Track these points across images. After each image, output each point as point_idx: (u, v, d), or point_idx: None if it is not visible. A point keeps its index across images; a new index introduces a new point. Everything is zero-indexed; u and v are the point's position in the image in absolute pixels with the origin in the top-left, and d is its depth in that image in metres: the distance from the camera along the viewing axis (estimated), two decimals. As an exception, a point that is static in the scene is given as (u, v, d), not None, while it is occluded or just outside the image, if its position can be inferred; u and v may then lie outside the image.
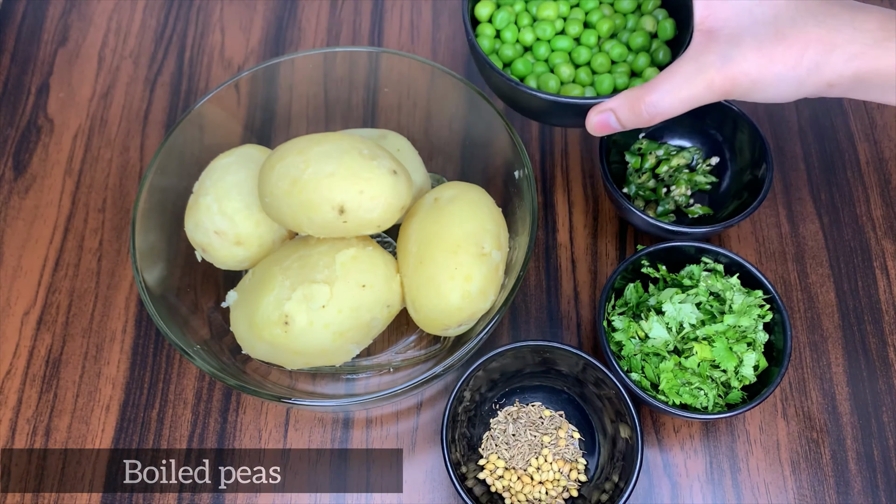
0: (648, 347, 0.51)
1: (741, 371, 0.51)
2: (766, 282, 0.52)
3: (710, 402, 0.50)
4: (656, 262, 0.55)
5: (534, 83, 0.53)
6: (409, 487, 0.54)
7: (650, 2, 0.55)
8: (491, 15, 0.56)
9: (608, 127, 0.47)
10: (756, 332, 0.51)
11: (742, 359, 0.51)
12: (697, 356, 0.50)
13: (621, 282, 0.55)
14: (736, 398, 0.51)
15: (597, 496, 0.50)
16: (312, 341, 0.48)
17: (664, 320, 0.52)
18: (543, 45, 0.55)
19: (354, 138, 0.50)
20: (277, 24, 0.74)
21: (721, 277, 0.53)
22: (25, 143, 0.67)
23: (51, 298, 0.61)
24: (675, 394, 0.50)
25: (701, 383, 0.50)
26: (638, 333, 0.52)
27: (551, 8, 0.55)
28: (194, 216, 0.52)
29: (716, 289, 0.52)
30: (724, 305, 0.52)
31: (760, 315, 0.52)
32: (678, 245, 0.54)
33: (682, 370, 0.51)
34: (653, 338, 0.51)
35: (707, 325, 0.51)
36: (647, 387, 0.51)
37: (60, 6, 0.75)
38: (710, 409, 0.50)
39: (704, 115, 0.61)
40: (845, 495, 0.53)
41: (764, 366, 0.51)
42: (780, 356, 0.50)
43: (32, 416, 0.57)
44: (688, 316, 0.51)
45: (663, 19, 0.54)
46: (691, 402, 0.50)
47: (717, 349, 0.50)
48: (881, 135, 0.67)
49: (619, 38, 0.55)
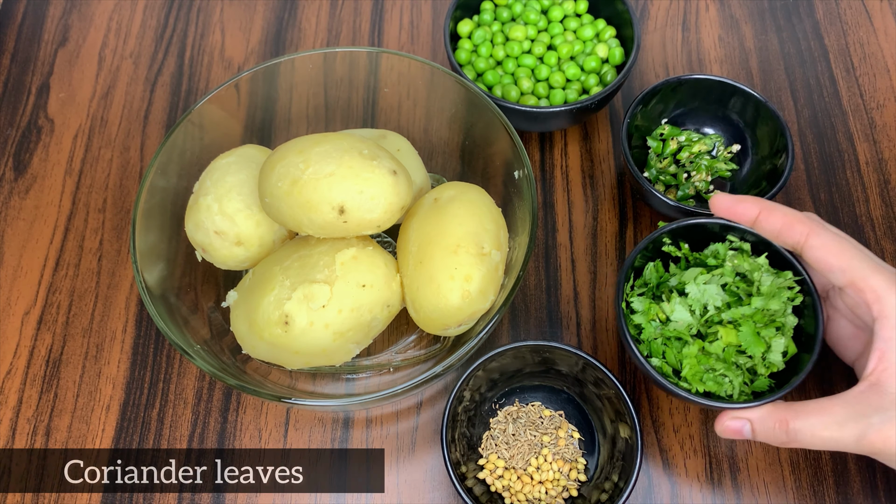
0: (670, 331, 0.48)
1: (769, 357, 0.47)
2: (795, 262, 0.48)
3: (735, 390, 0.47)
4: (678, 241, 0.51)
5: (499, 92, 0.64)
6: (409, 487, 0.54)
7: (607, 31, 0.66)
8: (470, 32, 0.66)
9: (740, 434, 0.45)
10: (785, 316, 0.48)
11: (770, 344, 0.47)
12: (723, 341, 0.47)
13: (641, 260, 0.51)
14: (763, 386, 0.47)
15: (596, 496, 0.50)
16: (312, 341, 0.48)
17: (687, 302, 0.48)
18: (511, 61, 0.65)
19: (354, 138, 0.50)
20: (277, 25, 0.74)
21: (748, 257, 0.49)
22: (26, 144, 0.67)
23: (51, 298, 0.61)
24: (698, 381, 0.47)
25: (726, 370, 0.47)
26: (659, 316, 0.49)
27: (521, 31, 0.66)
28: (194, 216, 0.52)
29: (743, 269, 0.48)
30: (752, 287, 0.48)
31: (790, 298, 0.48)
32: (702, 222, 0.50)
33: (706, 356, 0.47)
34: (675, 321, 0.48)
35: (734, 308, 0.47)
36: (668, 373, 0.48)
37: (61, 6, 0.75)
38: (735, 398, 0.47)
39: (727, 101, 0.62)
40: (845, 495, 0.53)
41: (793, 352, 0.48)
42: (811, 342, 0.47)
43: (33, 415, 0.57)
44: (713, 298, 0.48)
45: (615, 47, 0.65)
46: (716, 390, 0.47)
47: (743, 333, 0.46)
48: (881, 135, 0.67)
49: (576, 61, 0.65)
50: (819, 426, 0.42)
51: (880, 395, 0.41)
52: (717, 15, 0.74)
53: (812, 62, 0.71)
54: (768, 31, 0.73)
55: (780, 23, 0.73)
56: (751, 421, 0.45)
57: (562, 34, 0.66)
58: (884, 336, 0.42)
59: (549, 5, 0.67)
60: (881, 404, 0.41)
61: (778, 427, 0.43)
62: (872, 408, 0.41)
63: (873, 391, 0.42)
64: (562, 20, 0.67)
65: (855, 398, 0.42)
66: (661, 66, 0.71)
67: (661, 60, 0.72)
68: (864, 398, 0.42)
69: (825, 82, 0.70)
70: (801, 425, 0.43)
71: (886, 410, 0.41)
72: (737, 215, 0.47)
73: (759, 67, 0.71)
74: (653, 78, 0.70)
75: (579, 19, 0.67)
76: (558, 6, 0.67)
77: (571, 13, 0.67)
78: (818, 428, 0.42)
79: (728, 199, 0.47)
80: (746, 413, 0.45)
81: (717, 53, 0.72)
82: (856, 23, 0.73)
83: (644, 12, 0.74)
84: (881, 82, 0.69)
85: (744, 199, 0.47)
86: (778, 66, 0.71)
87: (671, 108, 0.64)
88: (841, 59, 0.71)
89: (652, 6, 0.75)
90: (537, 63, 0.66)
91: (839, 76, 0.70)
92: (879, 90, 0.69)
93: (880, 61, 0.71)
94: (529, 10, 0.66)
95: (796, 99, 0.69)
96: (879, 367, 0.42)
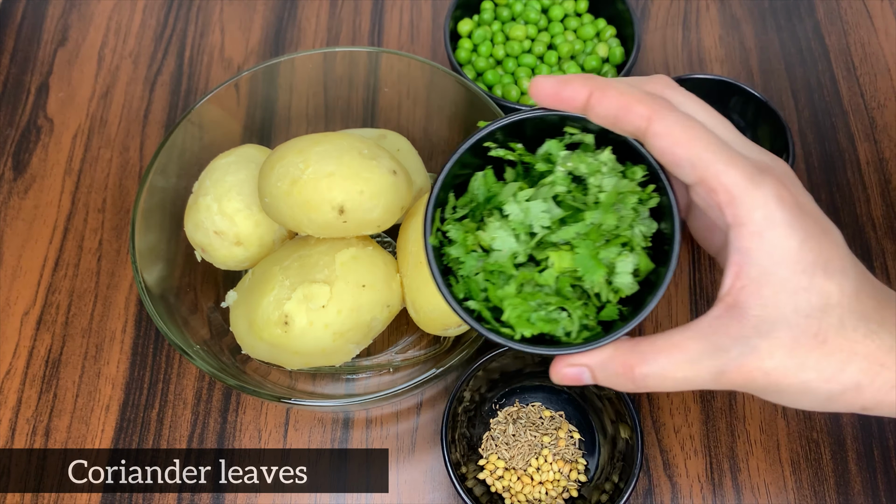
0: (492, 264, 0.37)
1: (615, 282, 0.37)
2: (646, 154, 0.36)
3: (574, 326, 0.37)
4: (509, 142, 0.39)
5: (499, 91, 0.64)
6: (410, 488, 0.54)
7: (608, 30, 0.65)
8: (470, 31, 0.66)
9: (579, 381, 0.37)
10: (635, 226, 0.37)
11: (615, 266, 0.37)
12: (554, 268, 0.36)
13: (463, 170, 0.39)
14: (612, 314, 0.37)
15: (597, 496, 0.50)
16: (312, 341, 0.48)
17: (510, 225, 0.37)
18: (511, 60, 0.65)
19: (354, 138, 0.50)
20: (277, 24, 0.74)
21: (588, 155, 0.37)
22: (25, 143, 0.67)
23: (50, 298, 0.61)
24: (525, 322, 0.37)
25: (561, 303, 0.37)
26: (481, 245, 0.38)
27: (521, 30, 0.66)
28: (194, 216, 0.52)
29: (580, 172, 0.37)
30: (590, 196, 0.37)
31: (642, 200, 0.37)
32: (538, 115, 0.37)
33: (536, 290, 0.37)
34: (497, 249, 0.37)
35: (565, 227, 0.36)
36: (489, 318, 0.38)
37: (60, 6, 0.75)
38: (574, 336, 0.37)
39: (728, 101, 0.63)
40: (845, 496, 0.53)
41: (649, 268, 0.37)
42: (669, 252, 0.36)
43: (32, 416, 0.57)
44: (538, 217, 0.37)
45: (615, 46, 0.65)
46: (549, 330, 0.37)
47: (579, 257, 0.36)
48: (881, 135, 0.67)
49: (576, 60, 0.65)
50: (670, 367, 0.35)
51: (739, 320, 0.34)
52: (718, 14, 0.74)
53: (813, 62, 0.71)
54: (769, 31, 0.72)
55: (781, 22, 0.73)
56: (589, 367, 0.37)
57: (562, 33, 0.66)
58: (740, 247, 0.33)
59: (550, 4, 0.67)
60: (741, 332, 0.34)
61: (622, 373, 0.36)
62: (731, 337, 0.34)
63: (731, 315, 0.34)
64: (562, 19, 0.67)
65: (710, 326, 0.34)
66: (662, 65, 0.71)
67: (662, 60, 0.71)
68: (722, 325, 0.34)
69: (826, 82, 0.70)
70: (648, 370, 0.35)
71: (747, 339, 0.33)
72: (563, 101, 0.36)
73: (759, 67, 0.71)
74: (653, 77, 0.70)
75: (580, 18, 0.67)
76: (558, 5, 0.67)
77: (572, 12, 0.67)
78: (669, 369, 0.35)
79: (551, 83, 0.36)
80: (583, 358, 0.36)
81: (718, 53, 0.72)
82: (856, 23, 0.73)
83: (644, 11, 0.74)
84: (882, 82, 0.69)
85: (571, 80, 0.35)
86: (778, 66, 0.71)
87: (672, 107, 0.63)
88: (842, 59, 0.71)
89: (652, 5, 0.75)
90: (537, 62, 0.66)
91: (840, 76, 0.70)
92: (880, 90, 0.69)
93: (881, 61, 0.71)
94: (530, 9, 0.66)
95: (797, 99, 0.69)
96: (737, 285, 0.34)
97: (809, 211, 0.33)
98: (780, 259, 0.33)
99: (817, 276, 0.33)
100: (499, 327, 0.37)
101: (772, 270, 0.33)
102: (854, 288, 0.33)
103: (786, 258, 0.33)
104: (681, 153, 0.33)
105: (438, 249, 0.38)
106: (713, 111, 0.36)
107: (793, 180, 0.34)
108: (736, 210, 0.33)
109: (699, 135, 0.34)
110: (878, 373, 0.33)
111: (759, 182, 0.32)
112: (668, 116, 0.34)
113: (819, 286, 0.33)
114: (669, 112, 0.34)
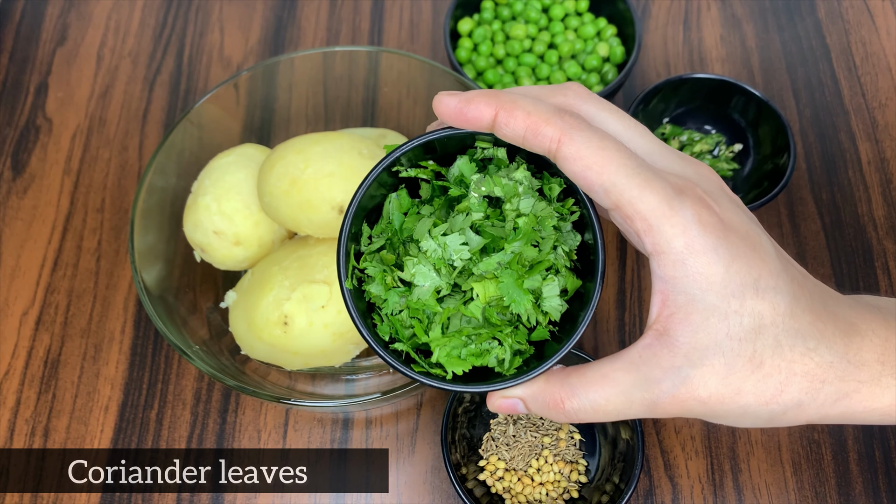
0: (415, 302, 0.35)
1: (543, 306, 0.35)
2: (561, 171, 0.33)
3: (507, 354, 0.36)
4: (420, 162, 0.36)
5: None
6: (410, 488, 0.54)
7: (608, 30, 0.66)
8: (470, 30, 0.66)
9: (514, 411, 0.37)
10: (559, 245, 0.36)
11: (541, 292, 0.35)
12: (480, 300, 0.35)
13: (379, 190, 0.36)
14: (544, 334, 0.36)
15: (597, 497, 0.50)
16: (312, 341, 0.48)
17: (428, 260, 0.35)
18: (512, 59, 0.65)
19: (354, 138, 0.50)
20: (277, 24, 0.73)
21: (504, 171, 0.36)
22: (24, 143, 0.67)
23: (49, 298, 0.61)
24: (456, 360, 0.35)
25: (492, 332, 0.36)
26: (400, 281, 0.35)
27: (521, 29, 0.65)
28: (193, 216, 0.52)
29: (496, 194, 0.35)
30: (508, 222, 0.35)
31: (563, 216, 0.35)
32: (445, 135, 0.35)
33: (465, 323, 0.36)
34: (419, 285, 0.35)
35: (486, 257, 0.35)
36: (417, 358, 0.36)
37: (59, 5, 0.74)
38: (507, 365, 0.36)
39: (729, 101, 0.63)
40: (846, 496, 0.53)
41: (577, 285, 0.36)
42: (594, 266, 0.34)
43: (31, 416, 0.56)
44: (457, 250, 0.35)
45: (616, 46, 0.65)
46: (481, 363, 0.36)
47: (504, 285, 0.35)
48: (883, 134, 0.66)
49: (577, 59, 0.66)
50: (601, 401, 0.34)
51: (670, 349, 0.33)
52: (719, 14, 0.74)
53: (814, 61, 0.71)
54: (770, 31, 0.72)
55: (782, 22, 0.73)
56: (522, 399, 0.36)
57: (563, 32, 0.66)
58: (664, 276, 0.32)
59: (550, 3, 0.67)
60: (672, 361, 0.32)
61: (553, 406, 0.35)
62: (661, 368, 0.33)
63: (662, 343, 0.33)
64: (563, 18, 0.67)
65: (640, 357, 0.33)
66: (663, 64, 0.71)
67: (663, 59, 0.71)
68: (652, 355, 0.33)
69: (827, 81, 0.69)
70: (578, 404, 0.34)
71: (678, 369, 0.32)
72: (468, 121, 0.34)
73: (760, 66, 0.70)
74: (654, 77, 0.70)
75: (580, 17, 0.67)
76: (559, 4, 0.67)
77: (572, 11, 0.67)
78: (600, 403, 0.34)
79: (454, 102, 0.33)
80: (515, 391, 0.36)
81: (719, 52, 0.71)
82: (857, 22, 0.73)
83: (645, 11, 0.74)
84: (883, 81, 0.69)
85: (474, 98, 0.33)
86: (780, 66, 0.70)
87: (673, 107, 0.64)
88: (843, 59, 0.71)
89: (653, 5, 0.74)
90: (538, 62, 0.66)
91: (841, 75, 0.70)
92: (881, 89, 0.69)
93: (882, 60, 0.70)
94: (530, 8, 0.66)
95: (798, 98, 0.69)
96: (664, 313, 0.33)
97: (735, 227, 0.32)
98: (706, 285, 0.31)
99: (748, 298, 0.31)
100: (428, 368, 0.36)
101: (699, 297, 0.31)
102: (788, 304, 0.32)
103: (712, 284, 0.31)
104: (592, 178, 0.32)
105: (359, 287, 0.36)
106: (629, 120, 0.34)
107: (717, 193, 0.33)
108: (654, 238, 0.32)
109: (611, 157, 0.32)
110: (819, 389, 0.33)
111: (677, 207, 0.31)
112: (577, 137, 0.32)
113: (750, 308, 0.31)
114: (579, 132, 0.32)
